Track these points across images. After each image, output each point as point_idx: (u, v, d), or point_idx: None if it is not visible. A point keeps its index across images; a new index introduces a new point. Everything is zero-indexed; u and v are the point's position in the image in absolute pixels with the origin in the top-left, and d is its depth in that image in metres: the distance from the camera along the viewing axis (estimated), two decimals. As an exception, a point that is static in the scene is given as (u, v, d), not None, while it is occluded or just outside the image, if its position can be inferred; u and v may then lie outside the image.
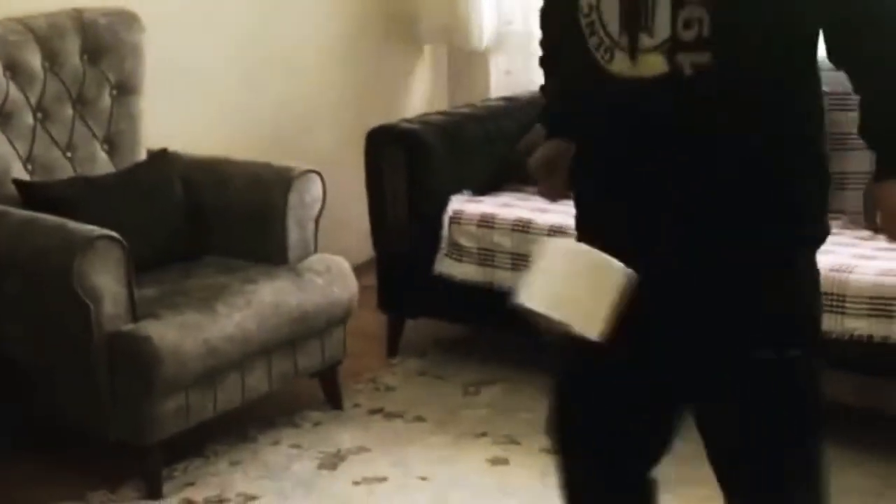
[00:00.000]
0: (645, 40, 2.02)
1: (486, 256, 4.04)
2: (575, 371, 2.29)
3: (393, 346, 4.35)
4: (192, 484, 3.48)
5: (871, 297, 3.40)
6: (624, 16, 2.04)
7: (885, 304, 3.38)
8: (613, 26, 2.05)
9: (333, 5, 4.98)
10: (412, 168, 4.17)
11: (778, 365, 2.12)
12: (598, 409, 2.26)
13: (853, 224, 3.72)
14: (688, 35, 1.99)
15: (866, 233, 3.70)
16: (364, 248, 4.40)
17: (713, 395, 2.19)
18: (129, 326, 3.32)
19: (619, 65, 2.06)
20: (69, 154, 3.79)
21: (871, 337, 3.38)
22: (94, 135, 3.86)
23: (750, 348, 2.11)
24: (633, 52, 2.03)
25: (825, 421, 2.21)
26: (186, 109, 4.29)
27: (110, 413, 3.35)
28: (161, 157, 3.90)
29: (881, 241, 3.66)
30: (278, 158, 3.98)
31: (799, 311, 2.17)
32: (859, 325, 3.39)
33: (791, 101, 2.08)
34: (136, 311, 3.35)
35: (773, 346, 2.11)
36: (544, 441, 3.62)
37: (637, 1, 2.02)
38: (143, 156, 3.95)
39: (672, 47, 2.00)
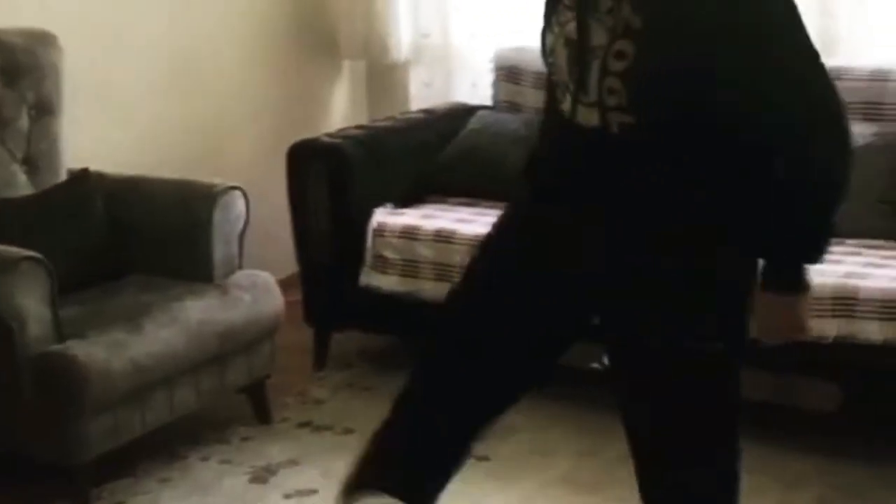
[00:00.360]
0: (582, 96, 2.19)
1: (410, 268, 4.08)
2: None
3: (320, 360, 4.37)
4: (121, 503, 3.48)
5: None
6: (569, 68, 2.20)
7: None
8: (563, 73, 2.23)
9: (252, 22, 5.00)
10: (335, 182, 4.20)
11: (698, 356, 2.21)
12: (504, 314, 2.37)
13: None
14: (611, 101, 2.14)
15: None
16: (288, 262, 4.42)
17: (636, 387, 2.29)
18: (56, 347, 3.31)
19: (567, 107, 2.23)
20: (-12, 176, 3.78)
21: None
22: (12, 156, 3.83)
23: (674, 338, 2.20)
24: (575, 99, 2.20)
25: (739, 418, 2.30)
26: (106, 129, 4.29)
27: (38, 434, 3.34)
28: (82, 177, 3.89)
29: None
30: (199, 175, 4.00)
31: (724, 308, 2.25)
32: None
33: (721, 157, 2.18)
34: (61, 332, 3.34)
35: (695, 337, 2.20)
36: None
37: (576, 61, 2.18)
38: (63, 176, 3.93)
39: (601, 107, 2.16)
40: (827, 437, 3.63)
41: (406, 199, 4.35)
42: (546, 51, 2.28)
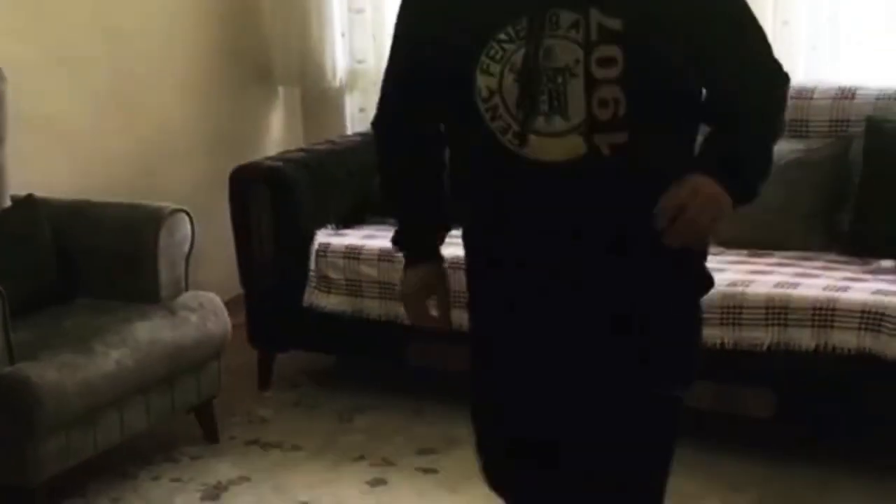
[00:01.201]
0: (559, 123, 2.04)
1: (353, 287, 4.16)
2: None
3: (265, 380, 4.42)
4: (75, 523, 3.52)
5: (721, 307, 3.60)
6: (529, 99, 2.04)
7: (735, 313, 3.59)
8: (515, 110, 2.05)
9: (189, 49, 5.05)
10: (277, 204, 4.27)
11: (660, 403, 2.18)
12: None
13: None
14: (604, 115, 2.02)
15: (717, 248, 3.95)
16: (230, 285, 4.47)
17: (592, 429, 2.21)
18: (7, 369, 3.33)
19: (531, 148, 2.06)
20: (-67, 204, 3.79)
21: (723, 343, 3.59)
22: (-42, 185, 3.86)
23: (643, 387, 2.16)
24: (546, 135, 2.04)
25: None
26: (49, 156, 4.32)
27: (-10, 457, 3.37)
28: (27, 203, 3.91)
29: (730, 255, 3.91)
30: (141, 200, 4.04)
31: (688, 353, 2.24)
32: (713, 333, 3.59)
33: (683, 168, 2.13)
34: (13, 355, 3.37)
35: (661, 385, 2.18)
36: (419, 461, 3.77)
37: (543, 84, 2.03)
38: (8, 203, 3.96)
39: (589, 128, 2.03)
40: (763, 442, 3.75)
41: (347, 221, 4.42)
42: (479, 94, 2.07)
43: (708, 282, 2.27)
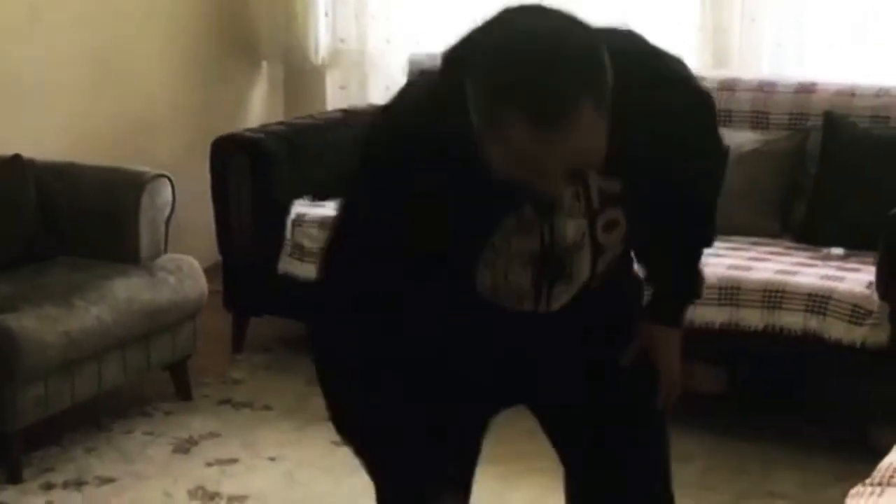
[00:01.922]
0: (563, 287, 2.01)
1: (327, 256, 4.29)
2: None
3: (238, 343, 4.57)
4: (51, 469, 3.65)
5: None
6: (537, 273, 1.97)
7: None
8: (524, 292, 1.99)
9: (176, 20, 5.16)
10: (256, 174, 4.41)
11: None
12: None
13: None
14: (605, 267, 2.02)
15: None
16: (211, 253, 4.60)
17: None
18: (-11, 319, 3.47)
19: (531, 307, 2.02)
20: (-80, 162, 3.91)
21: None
22: (-56, 144, 3.98)
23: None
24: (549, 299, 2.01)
25: None
26: (34, 119, 4.44)
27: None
28: (14, 163, 4.03)
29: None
30: (124, 165, 4.18)
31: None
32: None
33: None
34: (-5, 306, 3.51)
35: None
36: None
37: (553, 261, 1.96)
38: (-6, 162, 4.09)
39: (590, 280, 2.02)
40: (713, 416, 3.91)
41: (323, 193, 4.55)
42: (481, 284, 1.97)
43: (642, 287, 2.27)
